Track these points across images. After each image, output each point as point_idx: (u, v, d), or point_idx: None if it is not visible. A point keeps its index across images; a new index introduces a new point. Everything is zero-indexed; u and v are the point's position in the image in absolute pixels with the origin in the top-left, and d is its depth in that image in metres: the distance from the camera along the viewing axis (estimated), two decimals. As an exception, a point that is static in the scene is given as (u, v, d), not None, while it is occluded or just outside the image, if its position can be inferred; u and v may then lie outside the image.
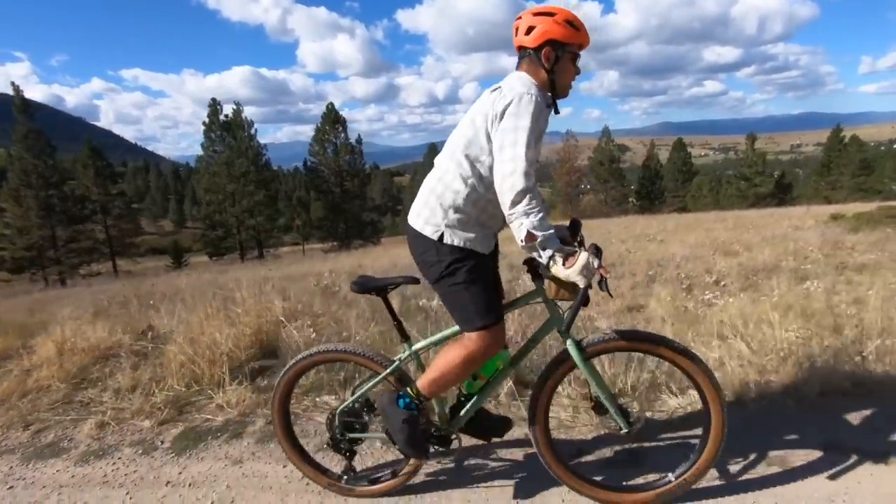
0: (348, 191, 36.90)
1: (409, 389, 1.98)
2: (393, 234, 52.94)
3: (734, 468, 2.22)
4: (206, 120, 33.38)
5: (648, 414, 2.62)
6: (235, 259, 32.92)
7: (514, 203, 1.66)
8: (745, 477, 2.17)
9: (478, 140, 1.80)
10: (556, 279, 1.77)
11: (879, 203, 15.49)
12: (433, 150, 47.29)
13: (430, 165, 1.94)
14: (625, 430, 1.96)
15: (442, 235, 1.83)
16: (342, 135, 37.13)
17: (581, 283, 1.67)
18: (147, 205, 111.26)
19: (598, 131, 47.95)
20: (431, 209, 1.86)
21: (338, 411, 2.16)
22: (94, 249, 32.78)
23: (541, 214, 1.68)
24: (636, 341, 1.95)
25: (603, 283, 1.71)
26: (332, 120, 36.62)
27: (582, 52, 1.90)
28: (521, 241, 1.69)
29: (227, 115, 33.77)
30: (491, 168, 1.76)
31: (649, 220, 24.10)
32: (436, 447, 2.07)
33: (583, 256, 1.66)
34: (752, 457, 2.28)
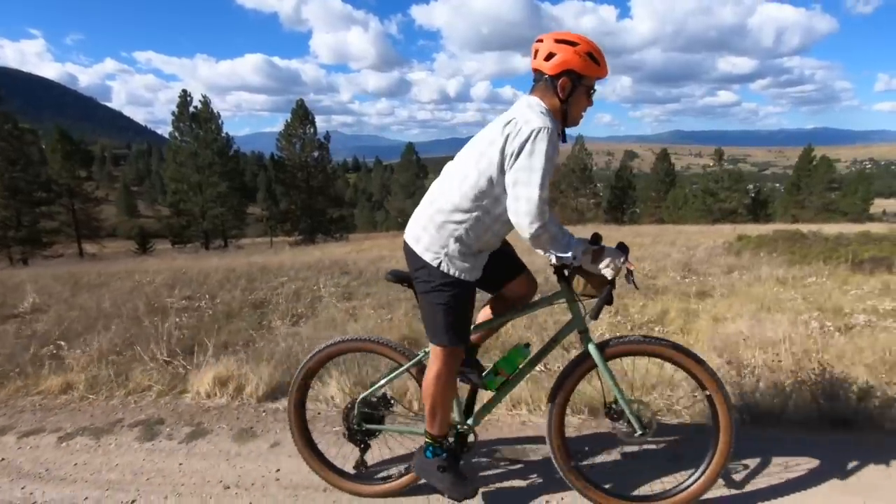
0: (313, 186, 37.52)
1: (425, 440, 2.05)
2: (385, 229, 52.73)
3: (741, 478, 2.26)
4: (175, 110, 34.07)
5: (659, 418, 2.63)
6: (199, 248, 33.60)
7: (535, 239, 1.75)
8: (751, 488, 2.20)
9: (491, 174, 1.78)
10: (585, 273, 1.87)
11: (776, 227, 15.86)
12: (410, 149, 47.67)
13: (407, 164, 2.10)
14: (639, 434, 1.98)
15: (440, 264, 1.87)
16: (311, 130, 37.67)
17: (608, 276, 1.80)
18: (146, 188, 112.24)
19: (608, 136, 47.98)
20: (431, 237, 1.88)
21: (358, 400, 2.17)
22: (59, 231, 33.60)
23: (564, 241, 1.79)
24: (654, 345, 1.98)
25: (629, 277, 1.84)
26: (301, 116, 37.15)
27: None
28: (553, 262, 1.88)
29: (196, 107, 34.43)
30: (497, 200, 1.82)
31: (597, 230, 24.16)
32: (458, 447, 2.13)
33: (609, 251, 1.81)
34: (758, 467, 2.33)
